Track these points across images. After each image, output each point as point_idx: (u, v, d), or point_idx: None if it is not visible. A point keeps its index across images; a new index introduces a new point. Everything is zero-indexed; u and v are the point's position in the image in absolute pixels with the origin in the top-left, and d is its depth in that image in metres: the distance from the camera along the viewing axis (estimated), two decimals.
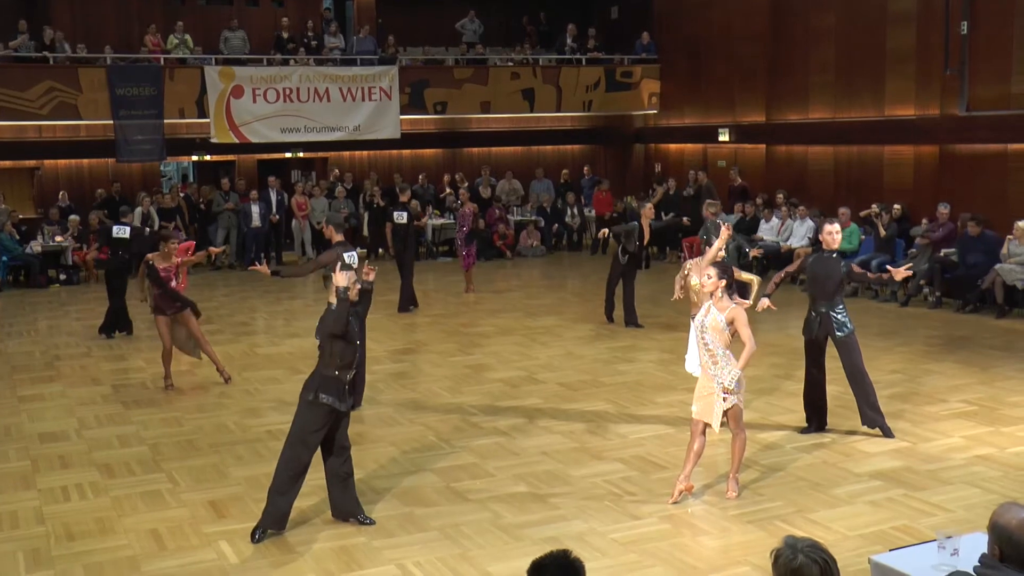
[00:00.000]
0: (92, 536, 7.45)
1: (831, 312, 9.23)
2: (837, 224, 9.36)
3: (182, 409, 10.92)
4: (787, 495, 7.94)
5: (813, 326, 9.35)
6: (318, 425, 7.28)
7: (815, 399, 9.48)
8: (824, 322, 9.26)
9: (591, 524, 7.45)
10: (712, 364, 7.61)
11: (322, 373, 7.30)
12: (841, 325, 9.23)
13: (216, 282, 19.32)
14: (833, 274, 9.22)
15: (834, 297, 9.25)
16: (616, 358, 12.87)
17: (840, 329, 9.22)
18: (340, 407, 7.32)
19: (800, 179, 20.60)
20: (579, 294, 18.37)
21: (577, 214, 24.00)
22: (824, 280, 9.25)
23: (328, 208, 22.49)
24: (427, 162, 25.06)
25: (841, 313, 9.25)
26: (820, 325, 9.29)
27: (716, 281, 7.58)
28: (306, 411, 7.28)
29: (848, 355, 9.27)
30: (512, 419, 10.28)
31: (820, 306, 9.28)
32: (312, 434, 7.29)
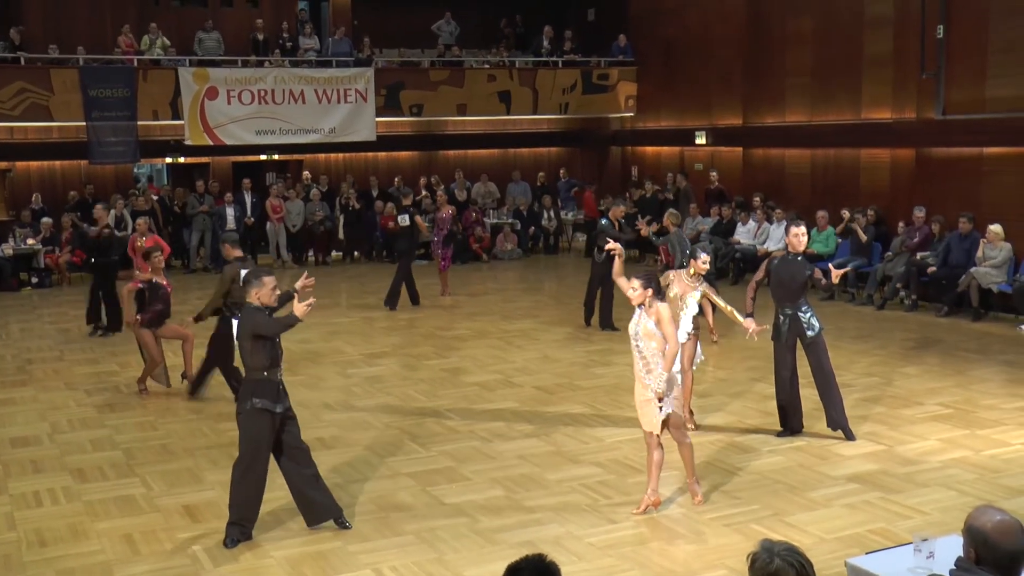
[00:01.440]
0: (64, 542, 7.40)
1: (797, 313, 9.28)
2: (803, 226, 9.39)
3: (156, 413, 10.87)
4: (763, 498, 7.98)
5: (781, 329, 9.37)
6: (264, 432, 7.13)
7: (788, 402, 9.52)
8: (792, 324, 9.30)
9: (568, 528, 7.46)
10: (646, 373, 7.50)
11: (250, 378, 7.19)
12: (810, 326, 9.27)
13: (191, 285, 19.23)
14: (798, 276, 9.26)
15: (799, 299, 9.29)
16: (593, 361, 12.89)
17: (809, 329, 9.27)
18: (275, 408, 7.15)
19: (777, 182, 20.70)
20: (555, 297, 18.39)
21: (554, 217, 24.04)
22: (789, 282, 9.29)
23: (304, 211, 22.44)
24: (403, 164, 25.04)
25: (807, 313, 9.30)
26: (789, 328, 9.32)
27: (643, 292, 7.54)
28: (247, 423, 7.14)
29: (816, 356, 9.33)
30: (488, 423, 10.28)
31: (786, 308, 9.32)
32: (261, 445, 7.14)
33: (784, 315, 9.34)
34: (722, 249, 19.33)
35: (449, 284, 18.01)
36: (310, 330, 14.47)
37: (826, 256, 17.44)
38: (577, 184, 25.31)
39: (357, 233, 22.90)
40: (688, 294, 9.58)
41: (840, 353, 12.64)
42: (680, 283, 9.63)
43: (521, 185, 24.85)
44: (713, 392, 11.14)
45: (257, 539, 7.31)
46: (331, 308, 16.77)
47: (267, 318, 7.22)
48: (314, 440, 9.74)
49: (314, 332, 14.48)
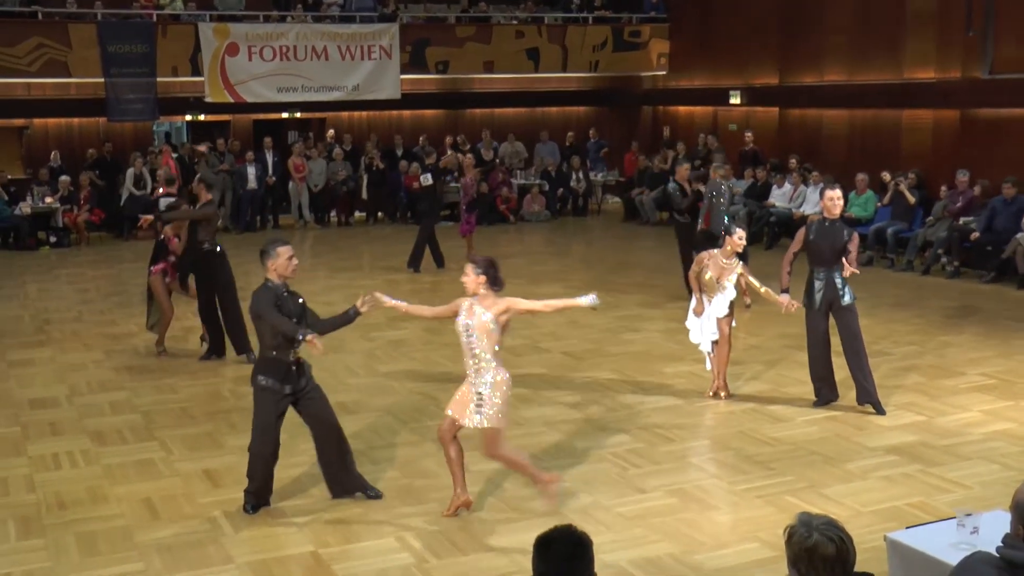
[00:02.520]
0: (84, 505, 7.46)
1: (833, 278, 9.15)
2: (838, 190, 9.21)
3: (176, 376, 10.91)
4: (798, 469, 7.93)
5: (815, 295, 9.24)
6: (269, 412, 7.05)
7: (821, 371, 9.44)
8: (827, 290, 9.17)
9: (596, 497, 7.45)
10: (475, 373, 6.88)
11: (261, 355, 7.16)
12: (844, 293, 9.15)
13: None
14: (836, 243, 9.11)
15: (835, 264, 9.16)
16: (622, 327, 12.84)
17: (844, 296, 9.15)
18: (284, 390, 7.04)
19: (814, 144, 20.50)
20: (584, 260, 18.33)
21: (583, 178, 23.92)
22: (827, 249, 9.15)
23: (326, 170, 22.42)
24: (428, 123, 24.95)
25: (842, 281, 9.17)
26: (823, 293, 9.19)
27: (475, 279, 6.89)
28: (257, 398, 7.11)
29: (847, 324, 9.20)
30: (515, 389, 10.13)
31: (821, 272, 9.19)
32: (268, 422, 7.06)
33: (819, 280, 9.21)
34: (756, 212, 19.19)
35: (475, 247, 17.95)
36: (332, 292, 14.49)
37: (864, 220, 17.28)
38: (606, 144, 25.17)
39: (381, 193, 22.87)
40: (725, 277, 9.49)
41: (878, 321, 12.55)
42: (715, 266, 9.48)
43: (549, 145, 24.73)
44: (746, 360, 11.07)
45: (279, 505, 7.33)
46: (354, 270, 16.78)
47: (273, 310, 6.92)
48: (336, 404, 9.66)
49: (336, 294, 14.48)
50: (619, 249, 19.33)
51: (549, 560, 3.46)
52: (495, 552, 6.61)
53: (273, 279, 7.09)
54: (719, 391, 9.75)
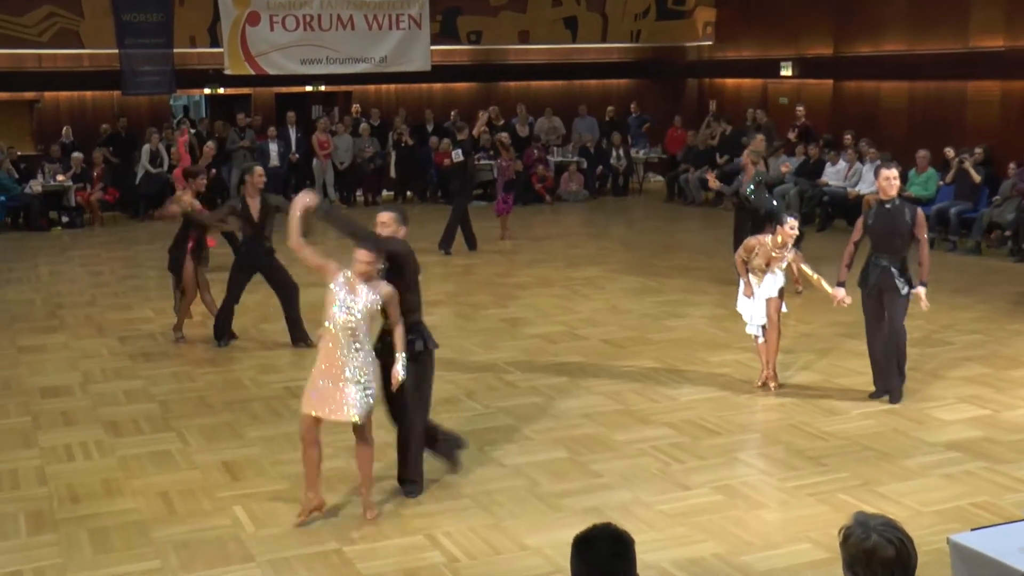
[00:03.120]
0: (98, 498, 7.51)
1: (892, 267, 9.01)
2: (894, 169, 9.07)
3: (194, 363, 10.97)
4: (852, 466, 7.87)
5: (869, 277, 9.15)
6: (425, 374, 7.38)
7: (880, 359, 9.35)
8: (883, 275, 9.05)
9: (636, 494, 7.43)
10: (351, 358, 6.82)
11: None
12: (902, 285, 8.99)
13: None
14: (900, 228, 8.97)
15: (901, 252, 9.03)
16: (665, 313, 12.80)
17: (899, 287, 8.99)
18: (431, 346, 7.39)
19: (871, 118, 20.31)
20: (624, 243, 18.27)
21: (623, 156, 23.83)
22: (888, 236, 9.03)
23: (352, 147, 22.45)
24: (460, 97, 24.93)
25: (902, 270, 9.01)
26: (878, 277, 9.08)
27: (370, 265, 6.97)
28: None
29: (894, 316, 9.09)
30: (551, 378, 10.26)
31: (882, 258, 9.06)
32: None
33: (877, 264, 9.10)
34: (808, 192, 19.05)
35: (509, 227, 17.95)
36: None
37: (925, 201, 17.11)
38: (649, 119, 25.06)
39: (410, 171, 22.88)
40: (776, 264, 9.44)
41: (939, 308, 12.42)
42: (764, 253, 9.41)
43: (588, 120, 24.64)
44: (796, 348, 11.00)
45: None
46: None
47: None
48: None
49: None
50: (661, 231, 19.25)
51: (589, 560, 3.44)
52: (530, 551, 6.60)
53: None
54: (768, 381, 9.69)
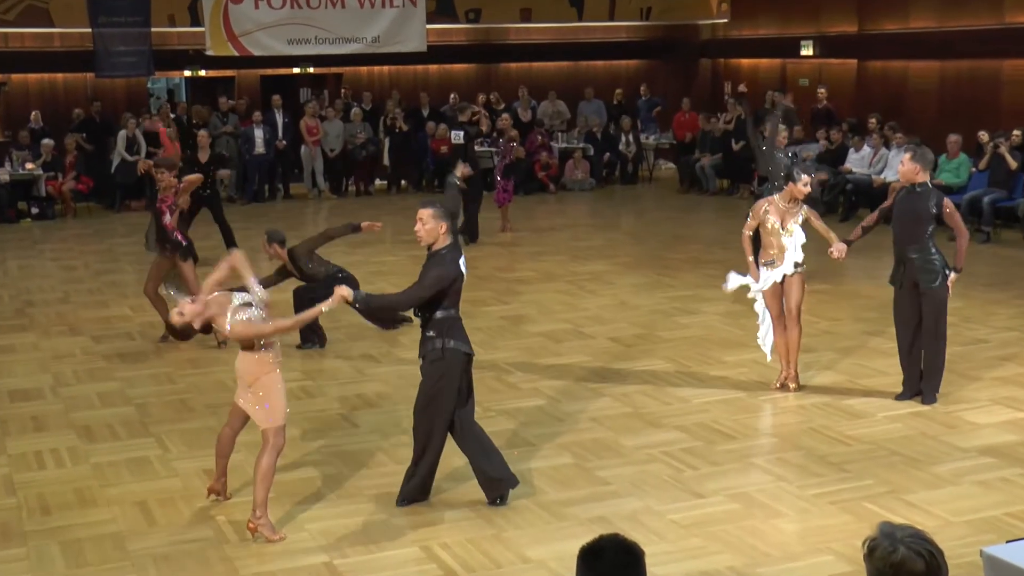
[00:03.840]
0: (70, 509, 7.51)
1: (918, 256, 9.03)
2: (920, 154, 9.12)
3: (174, 364, 10.98)
4: (878, 472, 7.87)
5: (898, 274, 9.22)
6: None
7: (909, 360, 9.34)
8: (909, 268, 9.09)
9: (647, 502, 7.43)
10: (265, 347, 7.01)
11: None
12: (929, 272, 9.00)
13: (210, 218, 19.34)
14: (921, 213, 8.98)
15: (922, 239, 9.01)
16: (677, 309, 12.80)
17: (929, 277, 9.00)
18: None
19: (897, 100, 20.30)
20: (634, 235, 18.26)
21: (632, 141, 23.82)
22: (908, 221, 9.05)
23: (343, 133, 22.43)
24: (458, 79, 24.92)
25: (933, 258, 9.02)
26: (905, 272, 9.13)
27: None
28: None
29: (933, 310, 9.09)
30: (555, 380, 10.26)
31: (907, 250, 9.08)
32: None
33: (903, 257, 9.13)
34: (831, 180, 19.04)
35: (510, 219, 17.94)
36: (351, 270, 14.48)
37: (956, 188, 17.09)
38: (660, 103, 25.04)
39: (404, 159, 22.88)
40: (790, 219, 9.40)
41: (973, 303, 12.43)
42: (775, 209, 9.42)
43: (595, 104, 24.63)
44: (817, 347, 10.99)
45: (292, 510, 7.36)
46: (375, 245, 16.80)
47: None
48: (356, 397, 9.82)
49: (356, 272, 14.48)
50: (674, 221, 19.24)
51: (597, 573, 3.44)
52: (533, 564, 6.61)
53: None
54: (788, 381, 9.69)
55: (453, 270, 7.19)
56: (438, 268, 7.15)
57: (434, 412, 7.28)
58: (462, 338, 7.28)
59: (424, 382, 7.31)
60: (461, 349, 7.26)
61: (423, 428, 7.34)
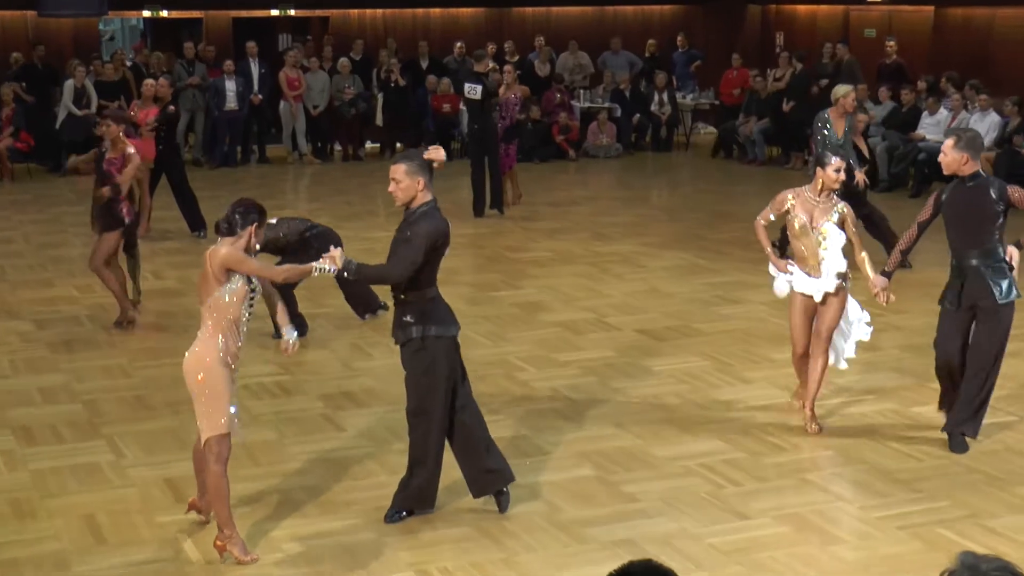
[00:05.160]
0: (5, 523, 7.50)
1: (984, 266, 8.31)
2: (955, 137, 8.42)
3: (129, 354, 10.96)
4: (954, 493, 7.86)
5: (954, 290, 8.49)
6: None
7: (953, 387, 8.70)
8: (971, 282, 8.35)
9: (681, 523, 7.42)
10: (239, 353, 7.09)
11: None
12: (999, 286, 8.30)
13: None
14: (983, 210, 8.29)
15: (988, 242, 8.31)
16: (717, 298, 12.77)
17: (999, 292, 8.30)
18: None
19: (981, 54, 20.24)
20: (668, 210, 18.24)
21: (667, 101, 23.76)
22: (967, 222, 8.35)
23: (329, 87, 22.39)
24: (465, 26, 24.88)
25: (1001, 265, 8.34)
26: (965, 288, 8.39)
27: (249, 239, 6.92)
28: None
29: (989, 330, 8.42)
30: (575, 378, 10.25)
31: (968, 257, 8.35)
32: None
33: (963, 267, 8.41)
34: (900, 148, 18.98)
35: (519, 186, 17.89)
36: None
37: None
38: (699, 56, 24.98)
39: (400, 118, 22.83)
40: (822, 220, 8.74)
41: None
42: (803, 204, 8.78)
43: (623, 56, 24.58)
44: (882, 343, 10.94)
45: (266, 527, 7.35)
46: (365, 218, 16.79)
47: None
48: (342, 395, 9.80)
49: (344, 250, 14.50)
50: (715, 195, 19.21)
51: None
52: None
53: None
54: (808, 423, 8.96)
55: (443, 224, 7.21)
56: (425, 223, 7.14)
57: (428, 412, 7.28)
58: (444, 320, 7.30)
59: (409, 378, 7.32)
60: (445, 334, 7.28)
61: (419, 431, 7.34)
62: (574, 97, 23.69)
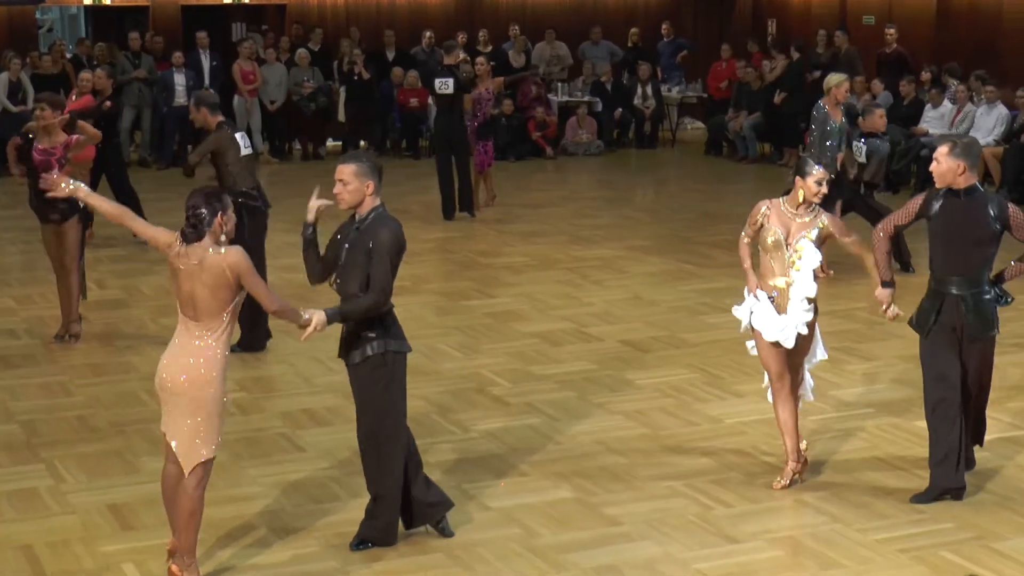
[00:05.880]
0: None
1: (967, 294, 7.92)
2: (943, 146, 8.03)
3: (71, 371, 10.92)
4: (961, 513, 7.88)
5: (929, 314, 8.05)
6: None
7: (953, 448, 8.13)
8: (955, 311, 7.94)
9: (667, 548, 7.43)
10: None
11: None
12: (982, 315, 7.93)
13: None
14: (976, 230, 7.88)
15: (976, 269, 7.95)
16: (705, 306, 12.79)
17: (981, 323, 7.95)
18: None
19: (989, 42, 20.32)
20: (652, 212, 18.27)
21: (651, 95, 23.80)
22: (957, 242, 7.93)
23: (287, 80, 22.37)
24: (433, 14, 24.88)
25: (986, 302, 7.94)
26: (949, 315, 7.96)
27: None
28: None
29: (979, 363, 8.15)
30: (552, 392, 10.27)
31: (949, 284, 7.96)
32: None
33: (945, 292, 8.00)
34: (902, 143, 19.04)
35: (494, 187, 17.92)
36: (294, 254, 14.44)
37: None
38: (687, 46, 25.01)
39: (364, 113, 22.81)
40: (799, 236, 8.20)
41: None
42: (779, 216, 8.25)
43: (603, 47, 24.62)
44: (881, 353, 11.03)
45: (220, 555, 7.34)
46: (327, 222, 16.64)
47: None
48: (302, 413, 9.79)
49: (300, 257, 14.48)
50: (703, 195, 19.27)
51: None
52: None
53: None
54: (793, 474, 8.40)
55: (400, 231, 7.20)
56: (385, 228, 7.14)
57: (387, 435, 7.26)
58: (400, 335, 7.30)
59: (364, 399, 7.24)
60: (402, 350, 7.29)
61: (375, 457, 7.30)
62: (551, 90, 23.71)
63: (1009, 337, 10.40)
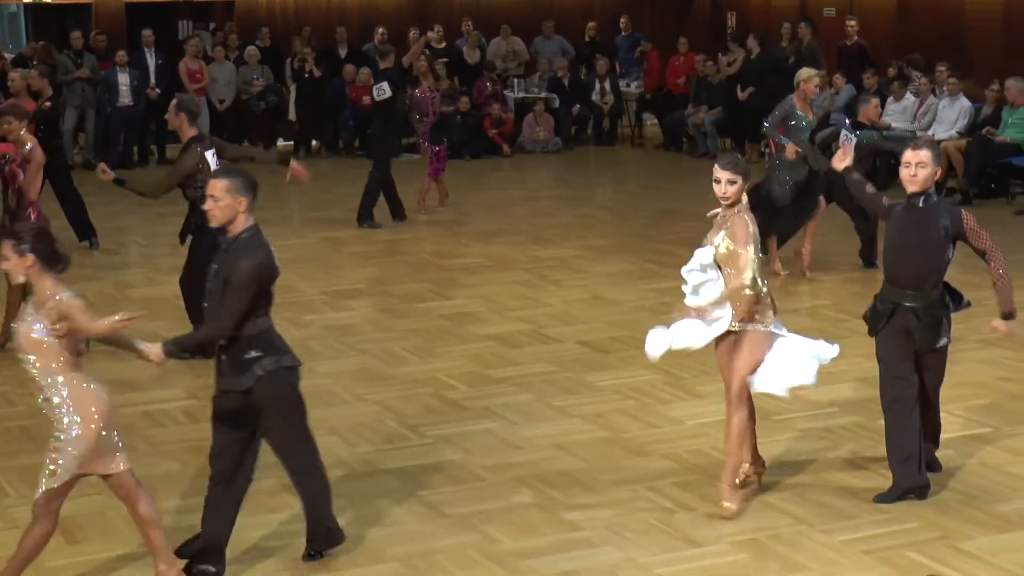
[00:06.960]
0: None
1: (919, 306, 7.92)
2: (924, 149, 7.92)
3: (13, 381, 10.83)
4: (925, 513, 7.92)
5: (881, 317, 8.11)
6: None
7: (902, 440, 8.12)
8: (906, 319, 7.97)
9: (629, 553, 7.45)
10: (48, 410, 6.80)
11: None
12: (932, 329, 7.95)
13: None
14: (928, 239, 7.84)
15: (928, 281, 7.92)
16: (666, 305, 12.73)
17: (930, 336, 7.98)
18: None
19: (952, 35, 20.41)
20: (611, 210, 18.29)
21: (610, 90, 23.83)
22: (909, 250, 7.92)
23: (235, 79, 22.31)
24: (385, 10, 24.87)
25: (937, 311, 7.95)
26: (902, 321, 7.99)
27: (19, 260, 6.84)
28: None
29: (933, 373, 8.20)
30: (510, 395, 10.28)
31: (903, 297, 7.97)
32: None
33: (892, 303, 8.04)
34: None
35: (447, 187, 17.88)
36: None
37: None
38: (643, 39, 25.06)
39: (316, 112, 22.78)
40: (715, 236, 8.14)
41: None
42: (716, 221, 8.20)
43: (555, 41, 24.65)
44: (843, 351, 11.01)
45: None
46: (278, 225, 16.67)
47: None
48: None
49: None
50: (663, 192, 19.30)
51: None
52: None
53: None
54: (746, 476, 8.35)
55: (267, 257, 7.03)
56: (247, 258, 6.94)
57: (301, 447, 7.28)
58: (288, 350, 7.20)
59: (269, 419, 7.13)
60: (294, 364, 7.19)
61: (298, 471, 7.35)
62: (507, 87, 23.73)
63: (971, 334, 10.51)
